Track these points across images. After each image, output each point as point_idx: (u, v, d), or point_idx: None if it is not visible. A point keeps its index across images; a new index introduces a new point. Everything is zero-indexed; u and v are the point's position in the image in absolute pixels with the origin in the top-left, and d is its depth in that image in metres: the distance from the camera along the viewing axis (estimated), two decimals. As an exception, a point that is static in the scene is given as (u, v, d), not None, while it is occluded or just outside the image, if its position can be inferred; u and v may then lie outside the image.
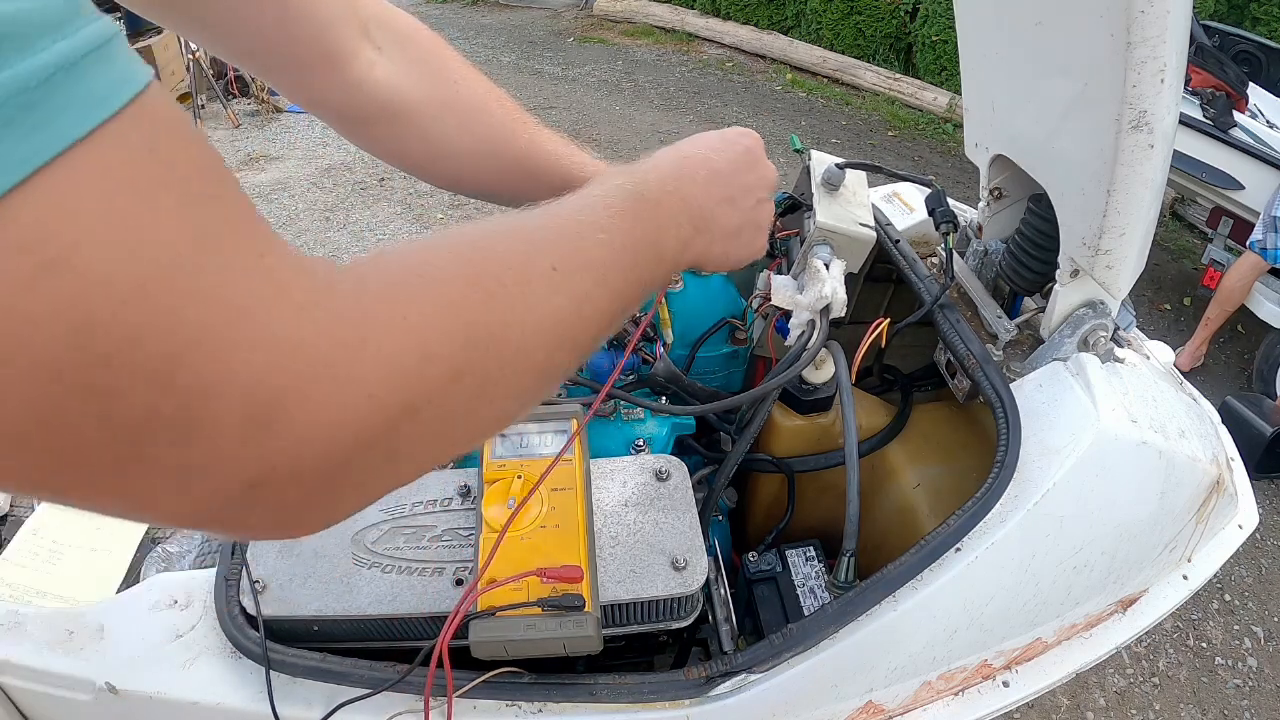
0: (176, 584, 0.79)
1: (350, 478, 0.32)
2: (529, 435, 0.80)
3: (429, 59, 0.75)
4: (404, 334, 0.32)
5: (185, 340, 0.25)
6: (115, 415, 0.24)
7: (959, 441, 1.01)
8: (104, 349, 0.23)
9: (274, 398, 0.27)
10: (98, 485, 0.26)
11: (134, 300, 0.23)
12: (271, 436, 0.28)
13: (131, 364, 0.24)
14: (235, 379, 0.26)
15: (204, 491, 0.27)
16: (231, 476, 0.28)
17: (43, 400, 0.23)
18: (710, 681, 0.73)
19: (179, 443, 0.26)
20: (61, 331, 0.22)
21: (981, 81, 0.95)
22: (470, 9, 7.54)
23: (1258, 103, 3.44)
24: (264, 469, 0.28)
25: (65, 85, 0.22)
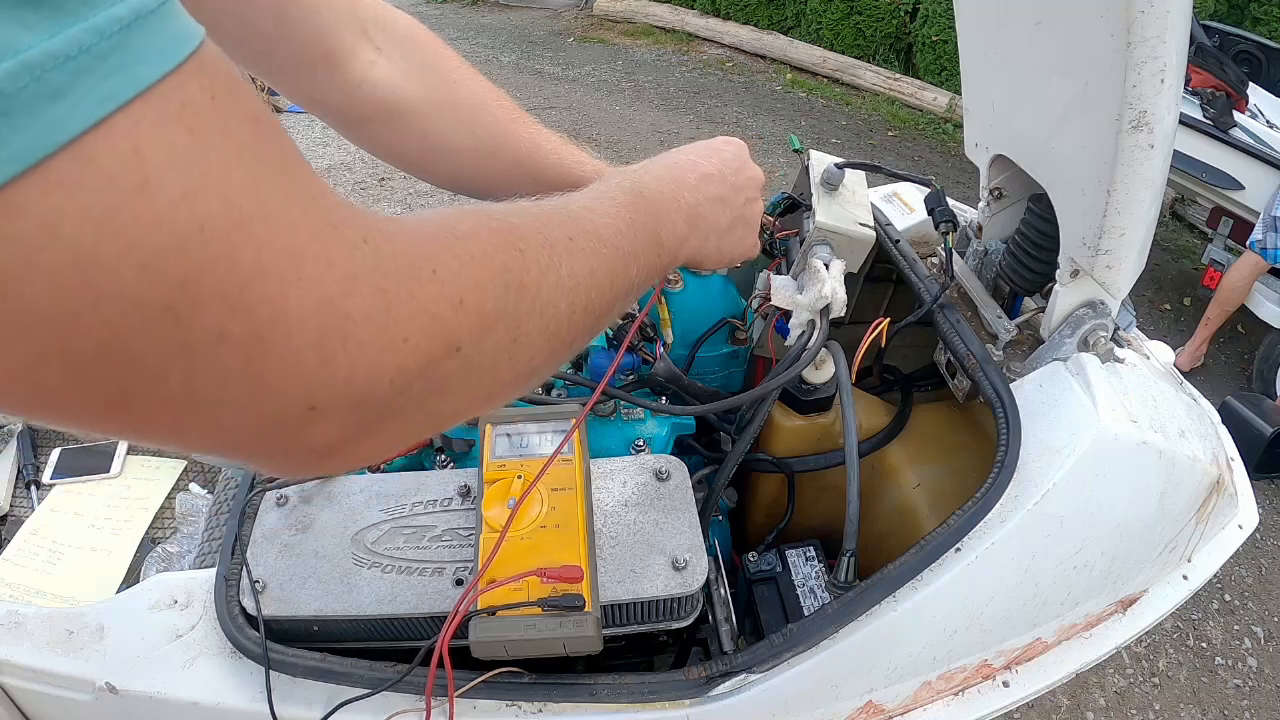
0: (176, 584, 0.79)
1: (397, 410, 0.34)
2: (529, 435, 0.80)
3: (428, 59, 0.75)
4: (440, 280, 0.35)
5: (253, 269, 0.27)
6: (191, 336, 0.26)
7: (959, 441, 1.01)
8: (180, 274, 0.25)
9: (335, 325, 0.30)
10: (169, 405, 0.28)
11: (207, 231, 0.25)
12: (333, 362, 0.30)
13: (205, 289, 0.26)
14: (300, 305, 0.28)
15: (268, 410, 0.29)
16: (294, 397, 0.30)
17: (125, 321, 0.25)
18: (710, 681, 0.73)
19: (250, 361, 0.28)
20: (145, 256, 0.24)
21: (981, 81, 0.95)
22: (470, 9, 7.54)
23: (1258, 103, 3.44)
24: (324, 392, 0.30)
25: (138, 36, 0.24)
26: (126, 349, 0.25)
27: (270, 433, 0.31)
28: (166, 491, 1.19)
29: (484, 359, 0.37)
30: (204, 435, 0.30)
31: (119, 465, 1.22)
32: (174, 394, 0.27)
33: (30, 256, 0.23)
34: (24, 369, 0.24)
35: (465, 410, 0.40)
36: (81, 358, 0.25)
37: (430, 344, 0.34)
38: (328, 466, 0.35)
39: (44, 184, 0.22)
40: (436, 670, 0.63)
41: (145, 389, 0.27)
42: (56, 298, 0.23)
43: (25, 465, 1.23)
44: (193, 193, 0.25)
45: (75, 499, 1.17)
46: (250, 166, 0.27)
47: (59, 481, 1.19)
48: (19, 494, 1.20)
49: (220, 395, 0.28)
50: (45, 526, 1.13)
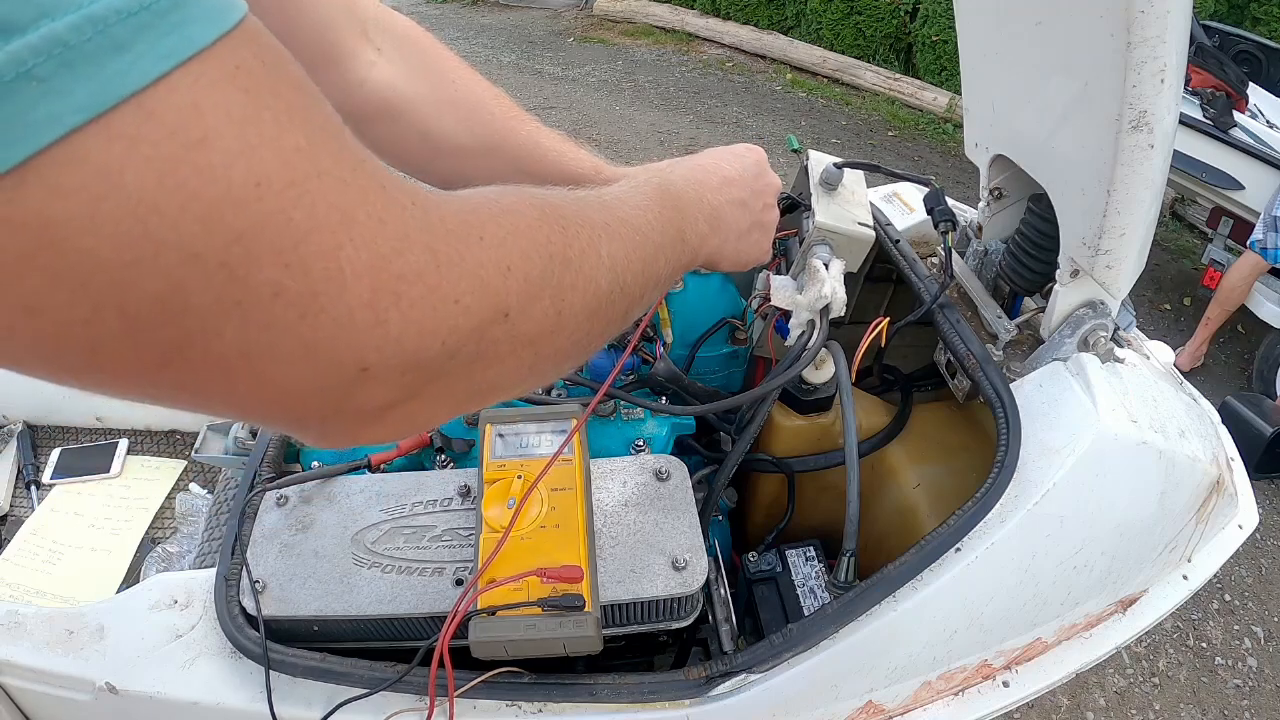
0: (176, 584, 0.79)
1: (445, 375, 0.34)
2: (529, 435, 0.80)
3: (427, 59, 0.76)
4: (487, 247, 0.35)
5: (307, 225, 0.27)
6: (247, 291, 0.26)
7: (959, 441, 1.01)
8: (238, 228, 0.25)
9: (387, 284, 0.30)
10: (222, 363, 0.28)
11: (263, 187, 0.26)
12: (386, 321, 0.30)
13: (261, 244, 0.26)
14: (353, 263, 0.29)
15: (320, 369, 0.30)
16: (346, 356, 0.30)
17: (183, 273, 0.25)
18: (710, 681, 0.73)
19: (304, 317, 0.28)
20: (204, 209, 0.25)
21: (981, 81, 0.95)
22: (470, 9, 7.54)
23: (1258, 103, 3.44)
24: (377, 352, 0.30)
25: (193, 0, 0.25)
26: (184, 302, 0.25)
27: (321, 393, 0.31)
28: (166, 491, 1.19)
29: (530, 328, 0.38)
30: (254, 395, 0.30)
31: (119, 465, 1.22)
32: (227, 351, 0.27)
33: (93, 206, 0.23)
34: (80, 322, 0.24)
35: (508, 382, 0.40)
36: (139, 311, 0.25)
37: (481, 307, 0.34)
38: (372, 432, 0.35)
39: (106, 135, 0.23)
40: (437, 670, 0.63)
41: (200, 345, 0.27)
42: (117, 247, 0.24)
43: (25, 465, 1.23)
44: (249, 150, 0.25)
45: (75, 499, 1.17)
46: (301, 127, 0.28)
47: (59, 481, 1.19)
48: (19, 494, 1.20)
49: (273, 352, 0.28)
50: (45, 526, 1.13)
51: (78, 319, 0.24)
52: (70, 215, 0.23)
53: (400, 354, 0.31)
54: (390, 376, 0.32)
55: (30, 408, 1.29)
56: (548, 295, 0.38)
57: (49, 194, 0.22)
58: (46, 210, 0.22)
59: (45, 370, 0.27)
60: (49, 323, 0.24)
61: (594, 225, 0.45)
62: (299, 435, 0.35)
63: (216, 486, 1.05)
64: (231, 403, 0.30)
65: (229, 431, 0.98)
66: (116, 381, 0.28)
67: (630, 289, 0.47)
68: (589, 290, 0.42)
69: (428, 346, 0.32)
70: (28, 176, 0.22)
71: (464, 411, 0.40)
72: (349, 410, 0.32)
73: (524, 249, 0.37)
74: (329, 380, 0.30)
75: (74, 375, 0.27)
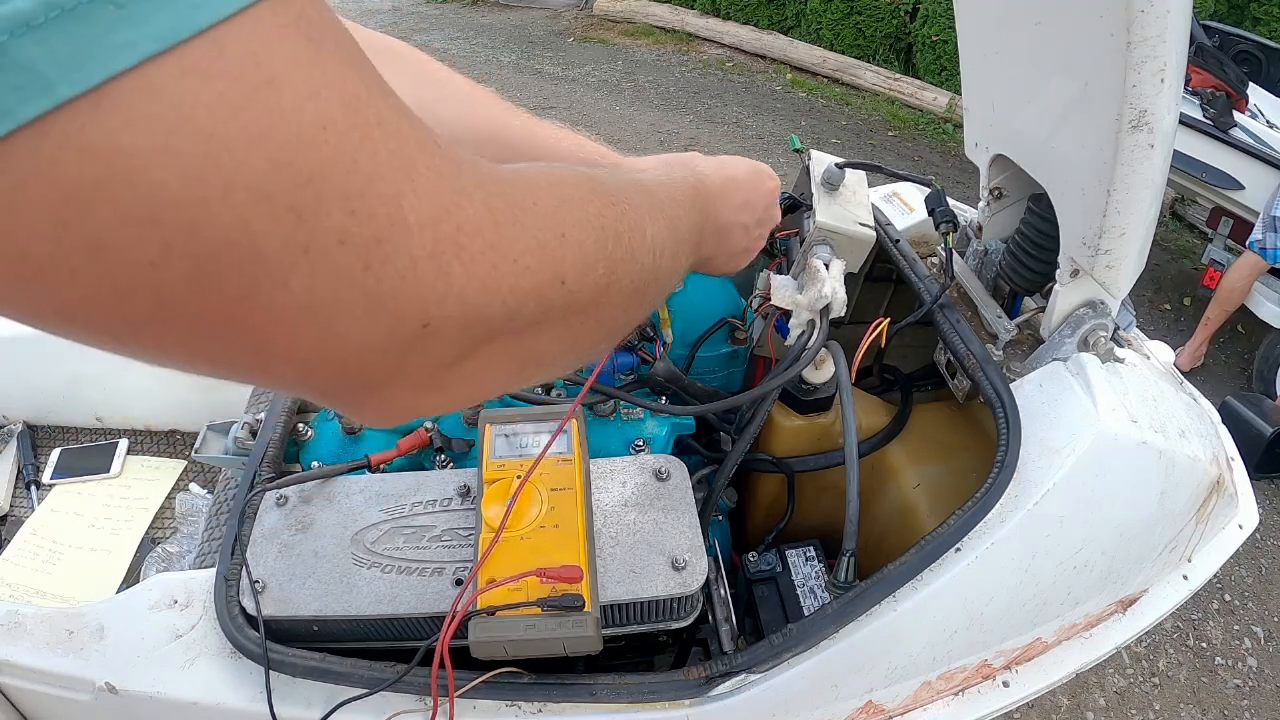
0: (176, 584, 0.79)
1: (501, 336, 0.34)
2: (529, 435, 0.80)
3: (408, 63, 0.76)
4: (541, 213, 0.35)
5: (372, 172, 0.27)
6: (314, 237, 0.26)
7: (959, 441, 1.01)
8: (306, 171, 0.25)
9: (449, 236, 0.30)
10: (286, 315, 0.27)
11: (329, 130, 0.26)
12: (449, 274, 0.30)
13: (328, 188, 0.26)
14: (416, 212, 0.28)
15: (383, 322, 0.29)
16: (409, 310, 0.29)
17: (253, 215, 0.24)
18: (710, 681, 0.73)
19: (369, 267, 0.28)
20: (274, 148, 0.24)
21: (981, 81, 0.95)
22: (470, 9, 7.54)
23: (1258, 103, 3.44)
24: (439, 308, 0.30)
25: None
26: (252, 247, 0.25)
27: (383, 351, 0.30)
28: (166, 491, 1.19)
29: (584, 297, 0.38)
30: (316, 353, 0.29)
31: (119, 465, 1.22)
32: (293, 302, 0.27)
33: (166, 139, 0.22)
34: (148, 264, 0.24)
35: (557, 351, 0.40)
36: (207, 254, 0.24)
37: (539, 269, 0.34)
38: (429, 399, 0.35)
39: (180, 67, 0.22)
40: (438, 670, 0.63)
41: (265, 295, 0.26)
42: (187, 183, 0.23)
43: (25, 465, 1.23)
44: (315, 93, 0.25)
45: (75, 499, 1.17)
46: (359, 78, 0.28)
47: (59, 481, 1.19)
48: (19, 494, 1.20)
49: (338, 304, 0.28)
50: (45, 526, 1.13)
51: (145, 260, 0.24)
52: (143, 146, 0.22)
53: (462, 309, 0.31)
54: (451, 333, 0.31)
55: (30, 408, 1.29)
56: (601, 266, 0.39)
57: (123, 122, 0.22)
58: (120, 139, 0.22)
59: (104, 324, 0.25)
60: (116, 263, 0.23)
61: (638, 206, 0.45)
62: (355, 407, 0.34)
63: (216, 486, 1.05)
64: (292, 364, 0.29)
65: (229, 431, 0.98)
66: (177, 338, 0.27)
67: (663, 274, 0.48)
68: (635, 266, 0.42)
69: (489, 304, 0.32)
70: (102, 103, 0.21)
71: (515, 383, 0.39)
72: (409, 371, 0.32)
73: (577, 218, 0.37)
74: (392, 336, 0.30)
75: (133, 331, 0.26)
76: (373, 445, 0.91)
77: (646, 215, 0.46)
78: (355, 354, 0.30)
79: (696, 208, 0.59)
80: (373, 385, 0.32)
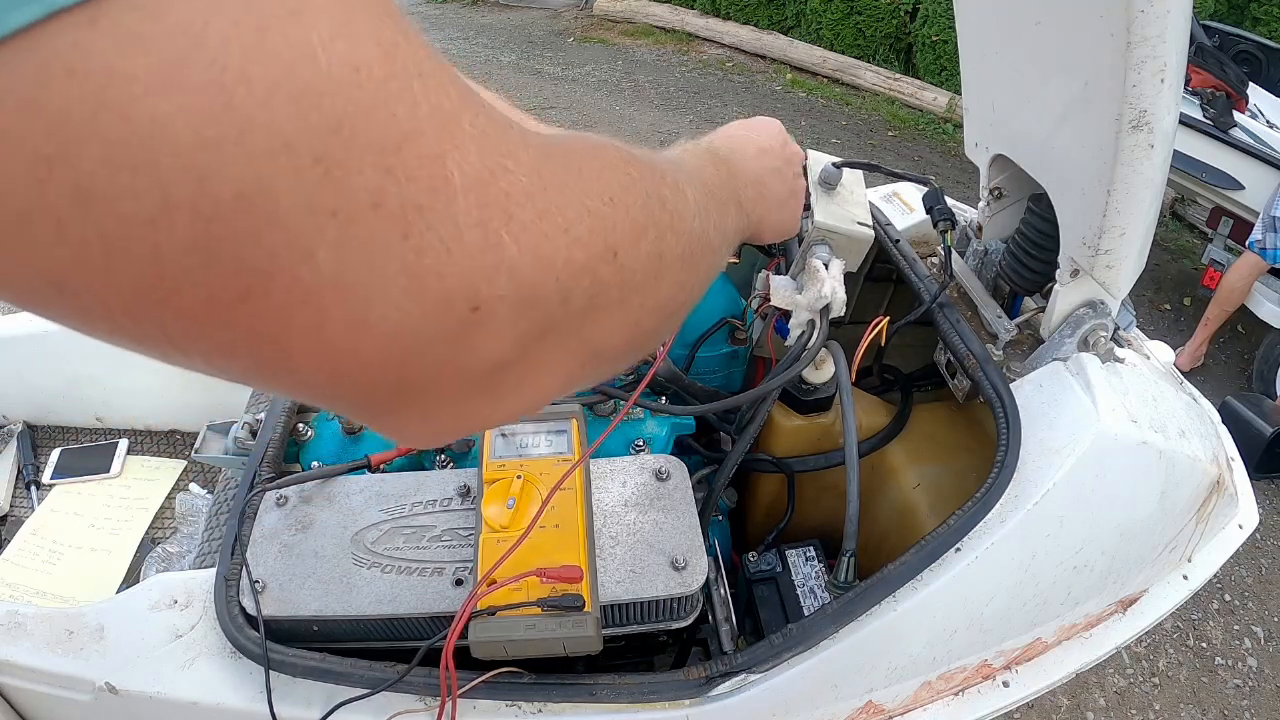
0: (176, 584, 0.79)
1: (560, 323, 0.30)
2: (528, 435, 0.80)
3: None
4: (586, 177, 0.32)
5: (410, 126, 0.23)
6: (343, 199, 0.22)
7: (959, 441, 1.01)
8: (335, 117, 0.22)
9: (496, 201, 0.26)
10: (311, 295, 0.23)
11: (363, 74, 0.22)
12: (498, 245, 0.26)
13: (360, 140, 0.22)
14: (460, 174, 0.25)
15: (426, 304, 0.25)
16: (455, 288, 0.25)
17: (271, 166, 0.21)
18: (710, 681, 0.73)
19: (409, 236, 0.24)
20: (297, 88, 0.21)
21: (981, 81, 0.95)
22: (470, 9, 7.54)
23: (1258, 103, 3.44)
24: (489, 286, 0.26)
25: None
26: (271, 208, 0.21)
27: (426, 344, 0.26)
28: (166, 491, 1.19)
29: (637, 270, 0.34)
30: (347, 342, 0.25)
31: (119, 465, 1.22)
32: (319, 277, 0.23)
33: (171, 66, 0.19)
34: (145, 221, 0.20)
35: (617, 341, 0.35)
36: (215, 211, 0.20)
37: (590, 239, 0.30)
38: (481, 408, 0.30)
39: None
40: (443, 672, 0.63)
41: (286, 267, 0.22)
42: (195, 120, 0.19)
43: (25, 465, 1.23)
44: (347, 33, 0.22)
45: (75, 499, 1.17)
46: (397, 26, 0.24)
47: (59, 481, 1.19)
48: (19, 494, 1.20)
49: (372, 281, 0.24)
50: (45, 526, 1.13)
51: (142, 215, 0.20)
52: (144, 71, 0.19)
53: (515, 288, 0.27)
54: (504, 319, 0.27)
55: (30, 408, 1.29)
56: (651, 233, 0.35)
57: (120, 43, 0.18)
58: (116, 62, 0.18)
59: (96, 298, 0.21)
60: (107, 217, 0.19)
61: (673, 171, 0.42)
62: (395, 420, 0.30)
63: (216, 486, 1.05)
64: (318, 359, 0.25)
65: (229, 431, 0.98)
66: (182, 321, 0.22)
67: (712, 242, 0.45)
68: (684, 232, 0.39)
69: (543, 282, 0.28)
70: (99, 20, 0.18)
71: (576, 383, 0.36)
72: (457, 369, 0.27)
73: (622, 183, 0.34)
74: (436, 321, 0.25)
75: (128, 312, 0.22)
76: (373, 445, 0.91)
77: (683, 179, 0.43)
78: (393, 346, 0.25)
79: (721, 169, 0.55)
80: (414, 390, 0.28)
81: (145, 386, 1.25)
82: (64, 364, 1.22)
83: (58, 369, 1.23)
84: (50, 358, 1.22)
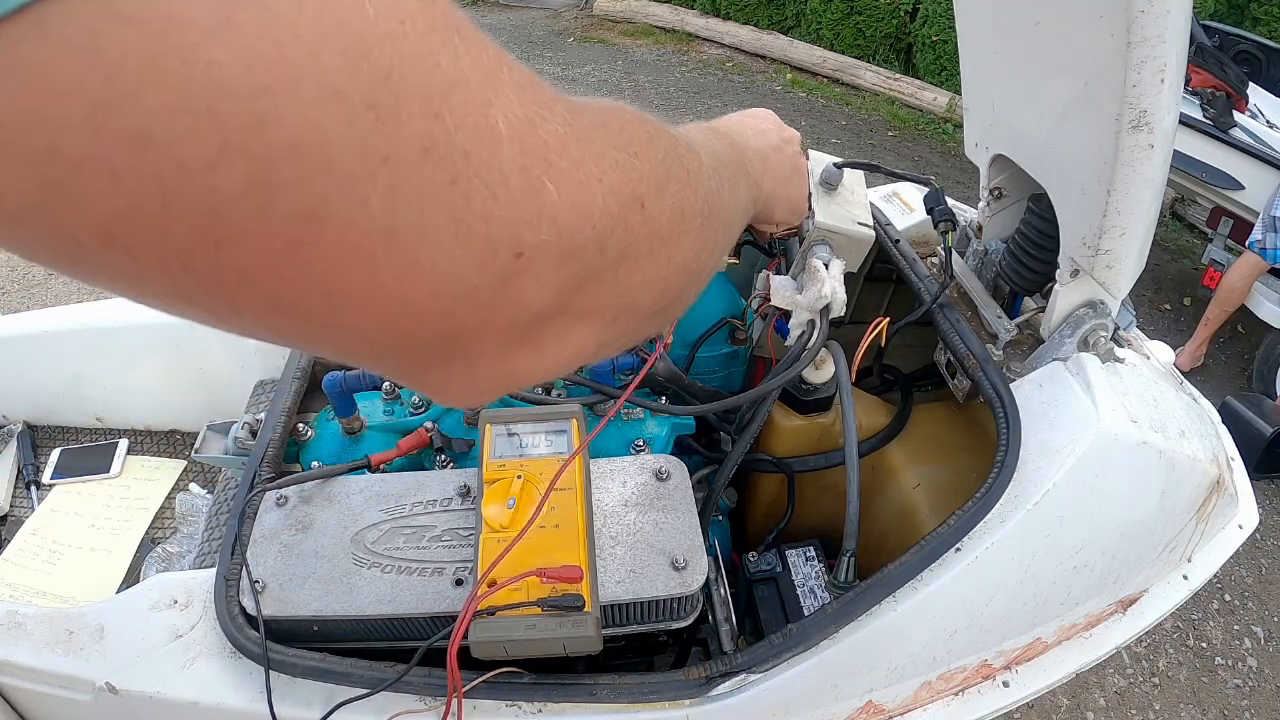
0: (176, 584, 0.79)
1: (596, 273, 0.31)
2: (528, 435, 0.80)
3: None
4: (609, 132, 0.32)
5: (455, 75, 0.24)
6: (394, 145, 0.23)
7: (959, 441, 1.01)
8: (385, 65, 0.22)
9: (536, 150, 0.27)
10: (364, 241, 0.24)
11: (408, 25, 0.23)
12: (541, 192, 0.27)
13: (410, 88, 0.23)
14: (504, 122, 0.26)
15: (474, 249, 0.26)
16: (502, 234, 0.26)
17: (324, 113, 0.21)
18: (710, 681, 0.73)
19: (457, 181, 0.24)
20: (348, 39, 0.21)
21: (981, 81, 0.95)
22: (470, 9, 7.54)
23: (1258, 103, 3.44)
24: (532, 232, 0.27)
25: None
26: (324, 154, 0.21)
27: (473, 290, 0.26)
28: (166, 491, 1.19)
29: (663, 222, 0.35)
30: (397, 291, 0.25)
31: (119, 465, 1.22)
32: (371, 222, 0.23)
33: (226, 13, 0.19)
34: (203, 166, 0.20)
35: (650, 299, 0.37)
36: (270, 156, 0.21)
37: (621, 188, 0.31)
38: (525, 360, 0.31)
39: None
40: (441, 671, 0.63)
41: (339, 213, 0.23)
42: (250, 68, 0.20)
43: (25, 465, 1.23)
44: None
45: (75, 499, 1.17)
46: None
47: (59, 481, 1.19)
48: (19, 494, 1.20)
49: (423, 226, 0.24)
50: (45, 526, 1.13)
51: (199, 160, 0.20)
52: (202, 19, 0.19)
53: (556, 234, 0.28)
54: (548, 266, 0.28)
55: (30, 408, 1.29)
56: (672, 186, 0.36)
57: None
58: (173, 8, 0.19)
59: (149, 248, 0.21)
60: (166, 163, 0.20)
61: (684, 136, 0.42)
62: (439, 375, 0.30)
63: (216, 486, 1.05)
64: (369, 309, 0.25)
65: (229, 431, 0.98)
66: (236, 272, 0.23)
67: (726, 205, 0.45)
68: (701, 190, 0.40)
69: (581, 229, 0.29)
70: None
71: (609, 342, 0.37)
72: (503, 320, 0.28)
73: (643, 139, 0.35)
74: (484, 268, 0.26)
75: (184, 264, 0.22)
76: (372, 445, 0.91)
77: (695, 143, 0.43)
78: (442, 292, 0.26)
79: (725, 142, 0.56)
80: (461, 341, 0.28)
81: (145, 386, 1.25)
82: (64, 364, 1.22)
83: (58, 369, 1.23)
84: (50, 358, 1.22)
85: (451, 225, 0.25)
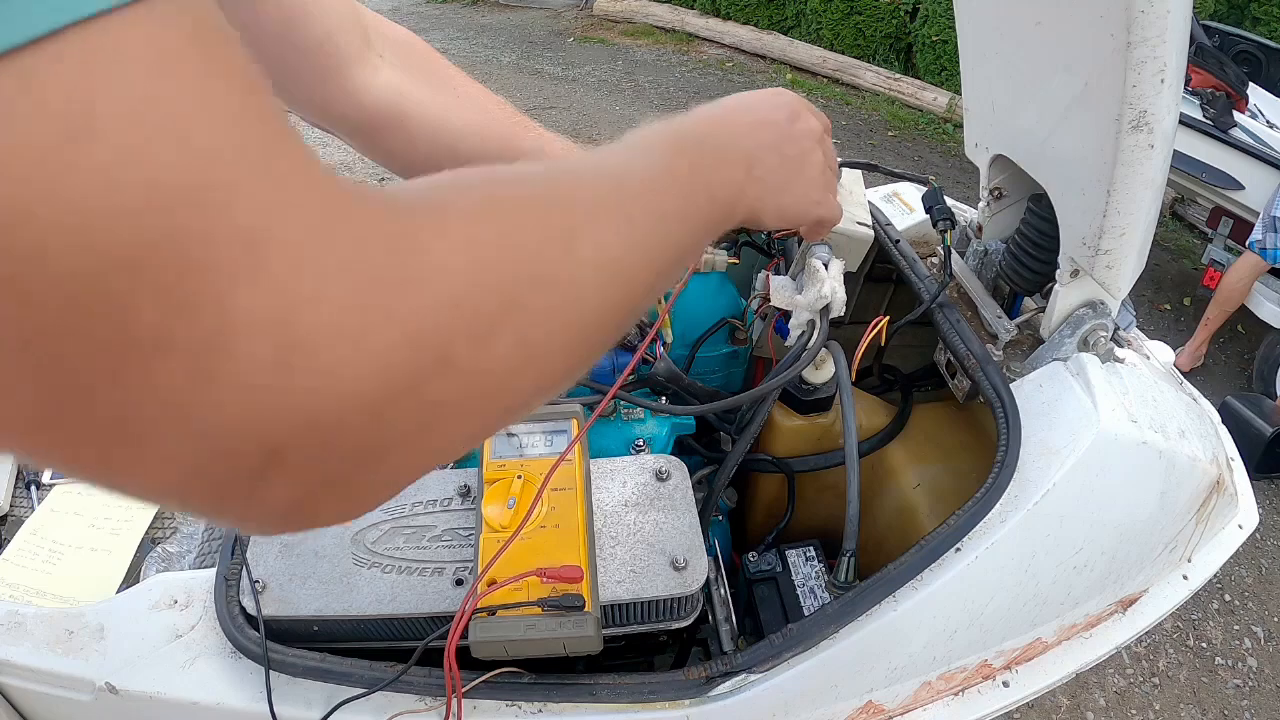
0: (176, 584, 0.79)
1: (377, 446, 0.27)
2: (527, 435, 0.80)
3: (427, 64, 0.76)
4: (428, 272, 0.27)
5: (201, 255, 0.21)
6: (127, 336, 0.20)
7: (959, 441, 1.01)
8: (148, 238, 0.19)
9: (313, 333, 0.23)
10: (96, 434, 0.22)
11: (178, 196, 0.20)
12: (290, 388, 0.23)
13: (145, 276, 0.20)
14: (254, 308, 0.22)
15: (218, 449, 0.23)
16: (248, 432, 0.23)
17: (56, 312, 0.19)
18: (710, 681, 0.73)
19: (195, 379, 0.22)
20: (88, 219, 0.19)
21: (981, 81, 0.95)
22: (470, 9, 7.54)
23: (1258, 103, 3.44)
24: (284, 426, 0.24)
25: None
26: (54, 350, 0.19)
27: (220, 481, 0.24)
28: (166, 491, 1.19)
29: (485, 376, 0.30)
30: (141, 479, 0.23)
31: (119, 465, 1.22)
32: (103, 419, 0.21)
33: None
34: None
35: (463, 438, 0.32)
36: None
37: (417, 358, 0.26)
38: (294, 525, 0.28)
39: None
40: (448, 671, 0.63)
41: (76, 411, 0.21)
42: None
43: (25, 465, 1.23)
44: (158, 142, 0.20)
45: (75, 499, 1.17)
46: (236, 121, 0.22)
47: (59, 481, 1.19)
48: (19, 494, 1.20)
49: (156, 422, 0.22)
50: (45, 526, 1.13)
51: None
52: None
53: (314, 430, 0.25)
54: (303, 458, 0.25)
55: (30, 408, 1.29)
56: (509, 330, 0.30)
57: None
58: None
59: None
60: None
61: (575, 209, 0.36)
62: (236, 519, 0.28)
63: (216, 486, 1.05)
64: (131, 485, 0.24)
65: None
66: None
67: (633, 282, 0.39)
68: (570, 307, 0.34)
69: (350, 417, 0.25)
70: None
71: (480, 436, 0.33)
72: (258, 504, 0.26)
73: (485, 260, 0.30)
74: (229, 465, 0.24)
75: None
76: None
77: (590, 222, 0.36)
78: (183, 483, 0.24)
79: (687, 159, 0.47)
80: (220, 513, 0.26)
81: (145, 386, 1.25)
82: (64, 364, 1.22)
83: (58, 369, 1.22)
84: (50, 358, 1.22)
85: (187, 424, 0.22)
